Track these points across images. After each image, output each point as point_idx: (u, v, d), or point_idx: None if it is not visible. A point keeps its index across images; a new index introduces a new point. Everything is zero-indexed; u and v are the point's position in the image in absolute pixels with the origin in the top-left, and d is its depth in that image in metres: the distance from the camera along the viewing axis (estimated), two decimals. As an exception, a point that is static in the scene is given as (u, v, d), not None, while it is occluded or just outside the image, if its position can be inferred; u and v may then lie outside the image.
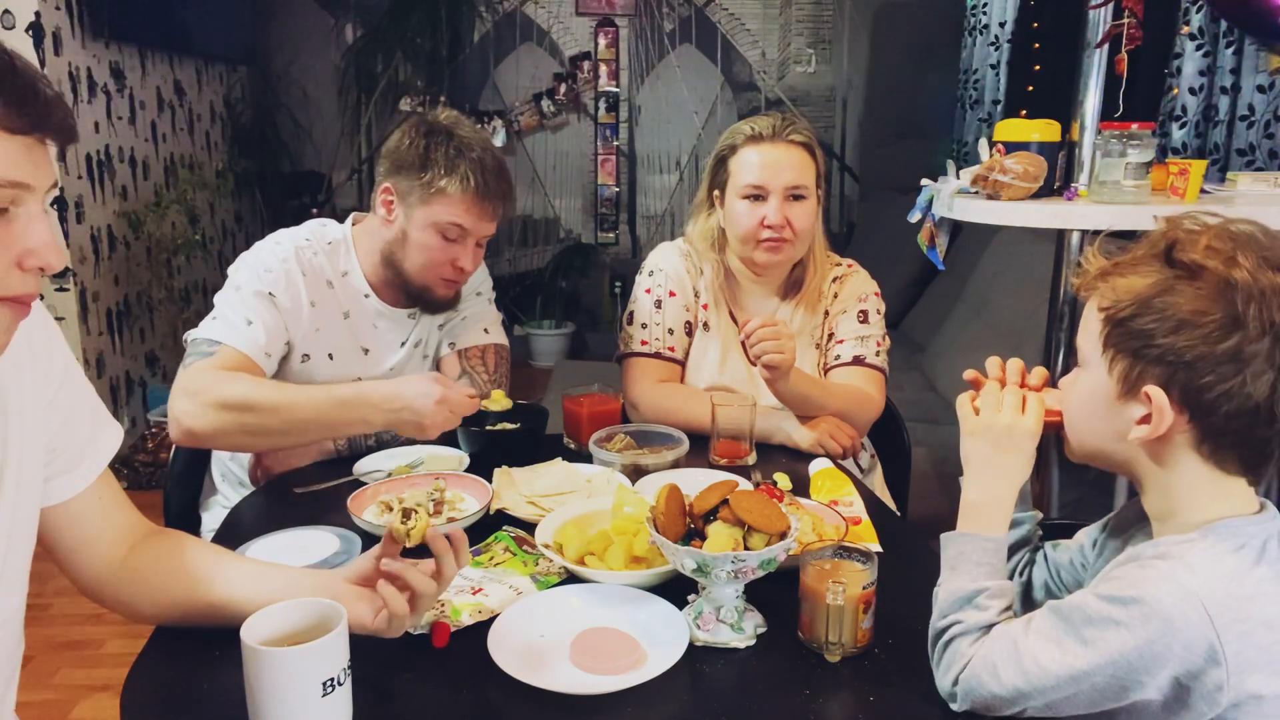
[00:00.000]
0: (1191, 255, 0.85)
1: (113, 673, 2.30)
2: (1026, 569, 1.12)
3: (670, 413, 1.68)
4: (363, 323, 1.64)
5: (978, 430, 1.02)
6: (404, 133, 1.57)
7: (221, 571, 1.04)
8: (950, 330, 3.43)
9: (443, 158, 1.51)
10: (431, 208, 1.53)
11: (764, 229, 1.68)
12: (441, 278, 1.59)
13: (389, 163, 1.56)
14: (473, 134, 1.56)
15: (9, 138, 0.73)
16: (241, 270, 1.55)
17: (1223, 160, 2.66)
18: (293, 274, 1.55)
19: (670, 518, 1.03)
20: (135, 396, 3.70)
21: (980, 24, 4.00)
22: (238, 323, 1.49)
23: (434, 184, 1.51)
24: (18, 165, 0.74)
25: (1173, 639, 0.80)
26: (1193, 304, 0.83)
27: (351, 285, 1.63)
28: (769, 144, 1.69)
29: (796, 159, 1.68)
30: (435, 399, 1.38)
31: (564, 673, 0.97)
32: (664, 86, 5.22)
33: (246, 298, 1.51)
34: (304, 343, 1.57)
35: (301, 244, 1.58)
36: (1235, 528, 0.87)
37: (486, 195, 1.53)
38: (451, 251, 1.56)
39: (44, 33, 3.10)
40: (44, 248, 0.77)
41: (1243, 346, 0.82)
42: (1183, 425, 0.87)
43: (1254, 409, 0.83)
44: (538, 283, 5.27)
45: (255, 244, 1.60)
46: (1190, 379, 0.84)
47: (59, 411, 0.96)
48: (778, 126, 1.69)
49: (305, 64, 4.99)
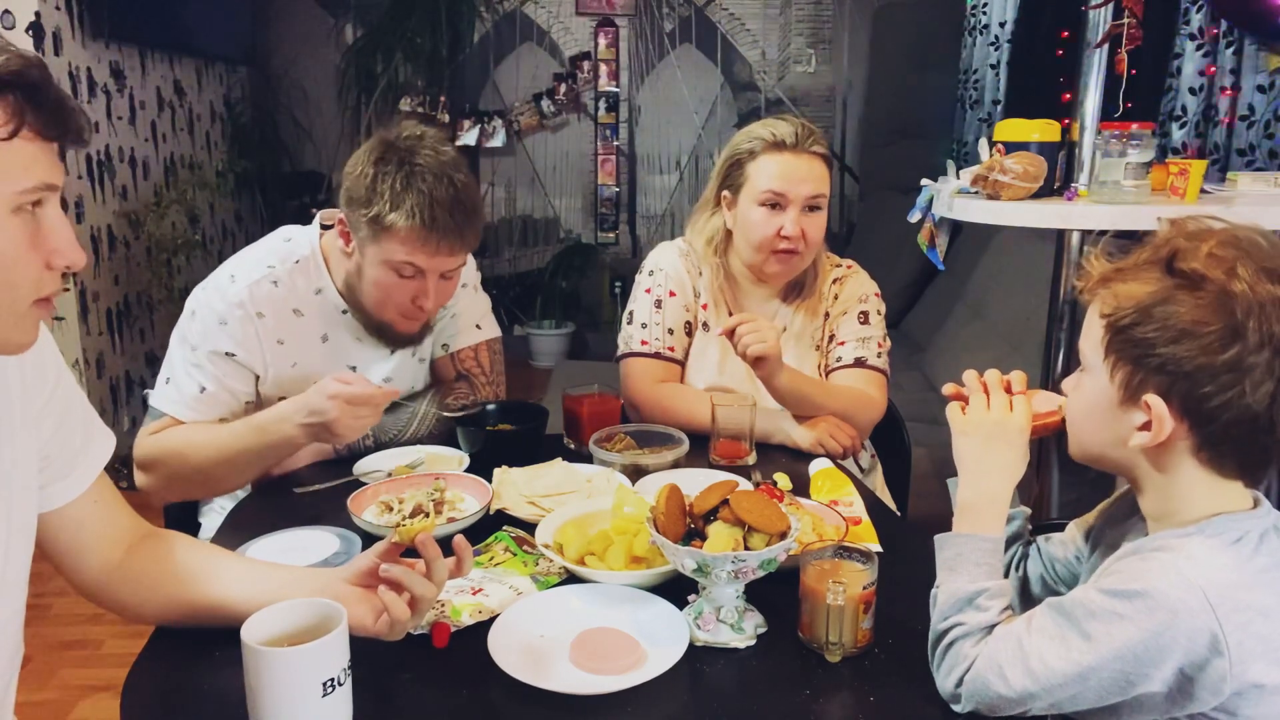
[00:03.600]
0: (1192, 264, 0.85)
1: (113, 673, 2.30)
2: (1021, 564, 1.12)
3: (670, 413, 1.68)
4: (344, 340, 1.57)
5: (967, 428, 1.02)
6: (359, 156, 1.44)
7: (220, 572, 1.04)
8: (950, 330, 3.43)
9: (388, 190, 1.37)
10: (381, 245, 1.40)
11: (780, 239, 1.67)
12: (401, 314, 1.49)
13: (343, 190, 1.44)
14: (431, 158, 1.40)
15: (43, 144, 0.79)
16: (196, 321, 1.47)
17: (1223, 160, 2.65)
18: (247, 320, 1.46)
19: (670, 518, 1.03)
20: (135, 396, 3.70)
21: (980, 24, 3.99)
22: (190, 391, 1.45)
23: (381, 220, 1.38)
24: (50, 169, 0.80)
25: (1177, 630, 0.81)
26: (1193, 314, 0.84)
27: (327, 303, 1.54)
28: (791, 154, 1.67)
29: (818, 171, 1.68)
30: (329, 393, 1.32)
31: (564, 673, 0.97)
32: (664, 86, 5.22)
33: (202, 360, 1.45)
34: (279, 385, 1.50)
35: (259, 277, 1.48)
36: (1232, 522, 0.87)
37: (436, 231, 1.37)
38: (409, 289, 1.44)
39: (44, 33, 3.10)
40: (69, 247, 0.82)
41: (1243, 357, 0.82)
42: (1183, 433, 0.87)
43: (1254, 418, 0.84)
44: (538, 283, 5.27)
45: (211, 275, 1.51)
46: (1190, 388, 0.84)
47: (52, 418, 0.96)
48: (800, 136, 1.67)
49: (305, 64, 4.99)
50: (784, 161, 1.67)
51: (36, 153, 0.78)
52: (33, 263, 0.80)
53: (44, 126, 0.78)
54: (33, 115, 0.77)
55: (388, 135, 1.44)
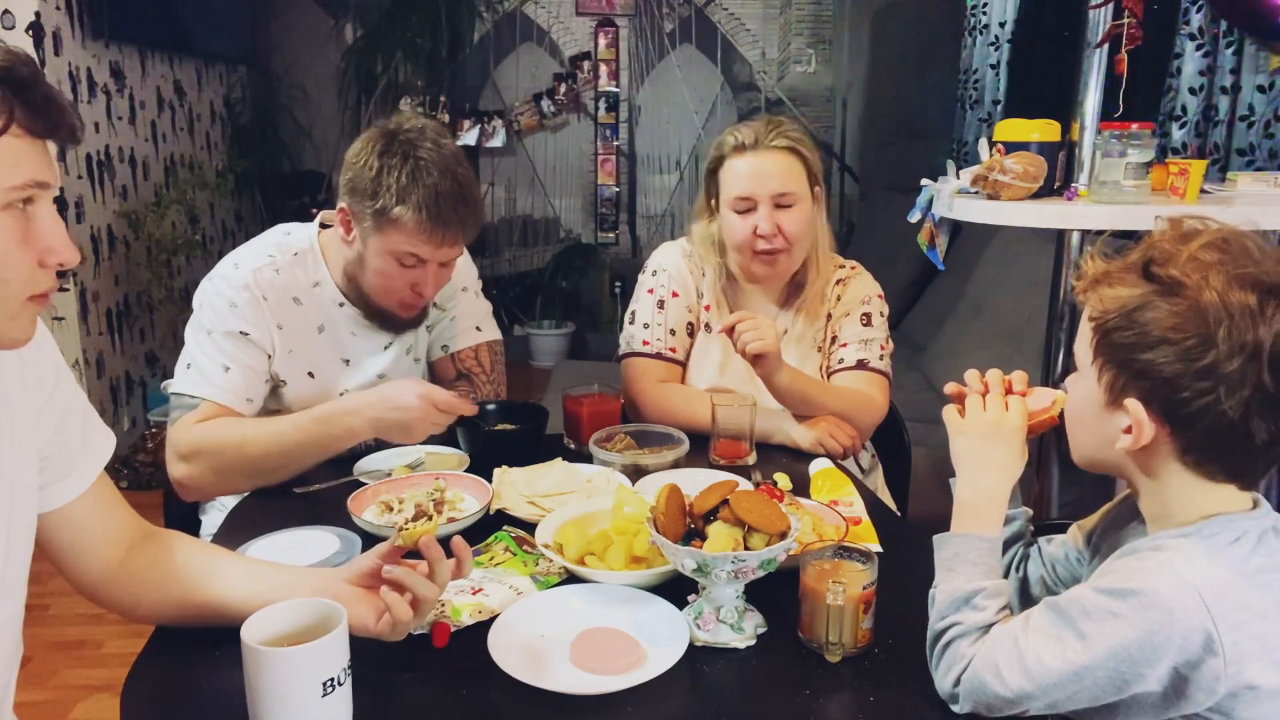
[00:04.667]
0: (1170, 270, 0.85)
1: (113, 673, 2.30)
2: (1021, 564, 1.12)
3: (671, 413, 1.68)
4: (340, 333, 1.60)
5: (965, 428, 1.03)
6: (362, 145, 1.47)
7: (220, 572, 1.04)
8: (950, 330, 3.43)
9: (395, 183, 1.41)
10: (385, 236, 1.44)
11: (758, 239, 1.67)
12: (400, 302, 1.53)
13: (345, 180, 1.48)
14: (433, 152, 1.43)
15: (32, 141, 0.79)
16: (206, 309, 1.50)
17: (1223, 160, 2.65)
18: (255, 302, 1.49)
19: (670, 518, 1.03)
20: (135, 396, 3.70)
21: (980, 24, 3.99)
22: (213, 372, 1.46)
23: (387, 212, 1.41)
24: (40, 166, 0.80)
25: (1171, 629, 0.81)
26: (1169, 321, 0.84)
27: (324, 296, 1.57)
28: (752, 153, 1.67)
29: (782, 165, 1.66)
30: (418, 393, 1.36)
31: (564, 673, 0.97)
32: (664, 86, 5.22)
33: (219, 341, 1.47)
34: (279, 369, 1.54)
35: (261, 264, 1.52)
36: (1231, 522, 0.88)
37: (442, 224, 1.42)
38: (410, 277, 1.49)
39: (44, 33, 3.10)
40: (62, 245, 0.82)
41: (1216, 365, 0.83)
42: (1164, 438, 0.88)
43: (1230, 426, 0.84)
44: (538, 283, 5.27)
45: (216, 267, 1.54)
46: (1169, 394, 0.85)
47: (51, 418, 0.96)
48: (760, 134, 1.67)
49: (305, 64, 4.99)
50: (747, 162, 1.67)
51: (26, 150, 0.78)
52: (24, 260, 0.80)
53: (33, 123, 0.78)
54: (21, 112, 0.77)
55: (389, 126, 1.47)
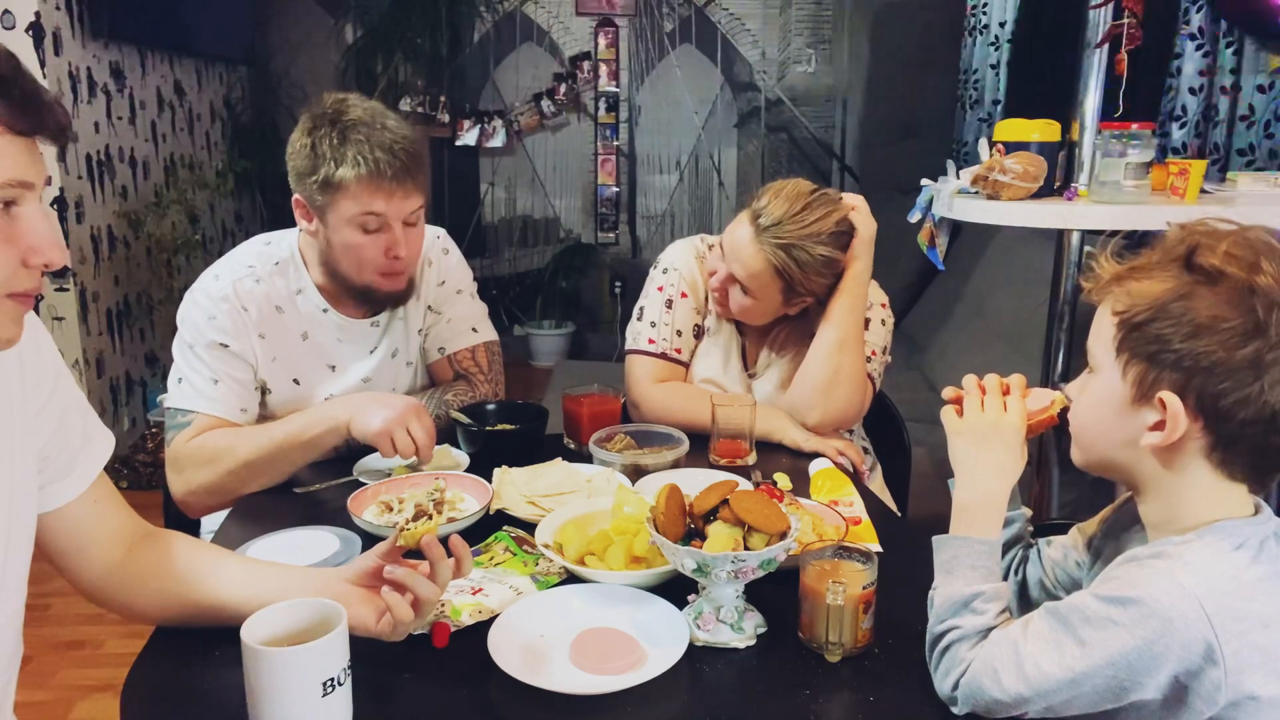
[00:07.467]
0: (1212, 260, 0.84)
1: (113, 673, 2.30)
2: (1021, 567, 1.12)
3: (671, 412, 1.68)
4: (324, 339, 1.59)
5: (963, 429, 1.03)
6: (294, 137, 1.48)
7: (220, 572, 1.04)
8: (950, 330, 3.43)
9: (329, 149, 1.41)
10: (338, 205, 1.43)
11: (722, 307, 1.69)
12: (380, 272, 1.51)
13: (290, 171, 1.48)
14: (360, 112, 1.45)
15: (14, 139, 0.77)
16: (188, 324, 1.51)
17: (1223, 160, 2.65)
18: (235, 313, 1.50)
19: (670, 518, 1.03)
20: (135, 396, 3.70)
21: (980, 24, 3.99)
22: (204, 385, 1.48)
23: (330, 180, 1.41)
24: (22, 165, 0.78)
25: (1171, 638, 0.80)
26: (1212, 309, 0.83)
27: (307, 303, 1.57)
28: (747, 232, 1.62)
29: (756, 267, 1.60)
30: (413, 403, 1.42)
31: (564, 673, 0.97)
32: (664, 86, 5.22)
33: (201, 354, 1.49)
34: (265, 377, 1.55)
35: (241, 275, 1.52)
36: (1233, 528, 0.87)
37: (386, 174, 1.41)
38: (380, 243, 1.47)
39: (44, 33, 3.10)
40: (47, 245, 0.81)
41: (1262, 353, 0.82)
42: (1196, 432, 0.86)
43: (1270, 417, 0.83)
44: (538, 283, 5.27)
45: (198, 280, 1.54)
46: (1207, 384, 0.84)
47: (51, 418, 0.96)
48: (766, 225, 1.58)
49: (305, 64, 4.99)
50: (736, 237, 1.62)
51: (5, 147, 0.77)
52: (6, 259, 0.79)
53: (14, 120, 0.76)
54: (2, 109, 0.76)
55: (313, 109, 1.49)
